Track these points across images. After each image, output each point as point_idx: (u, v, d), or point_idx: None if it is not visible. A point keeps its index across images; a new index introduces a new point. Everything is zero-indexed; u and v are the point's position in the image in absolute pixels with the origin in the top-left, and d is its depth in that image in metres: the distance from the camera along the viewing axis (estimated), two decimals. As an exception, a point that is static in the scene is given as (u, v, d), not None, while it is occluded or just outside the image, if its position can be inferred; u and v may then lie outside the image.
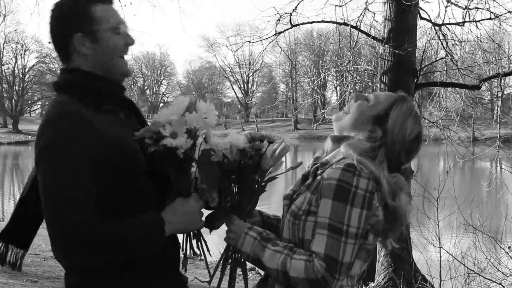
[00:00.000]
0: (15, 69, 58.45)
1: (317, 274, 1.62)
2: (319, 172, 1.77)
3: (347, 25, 8.07)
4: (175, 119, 1.67)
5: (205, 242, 1.87)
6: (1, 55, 57.86)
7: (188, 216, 1.72)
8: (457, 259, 6.14)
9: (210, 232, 1.88)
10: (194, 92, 68.74)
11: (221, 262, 1.86)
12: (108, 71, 1.77)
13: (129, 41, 1.80)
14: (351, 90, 8.94)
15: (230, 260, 1.86)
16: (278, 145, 1.92)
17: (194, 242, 1.86)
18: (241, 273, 1.91)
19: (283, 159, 1.92)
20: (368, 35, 8.23)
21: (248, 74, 66.05)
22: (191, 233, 1.86)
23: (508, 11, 8.09)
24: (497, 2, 8.09)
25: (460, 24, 8.31)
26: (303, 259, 1.66)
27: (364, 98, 1.87)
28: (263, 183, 1.86)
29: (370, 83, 12.89)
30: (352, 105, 1.87)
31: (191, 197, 1.74)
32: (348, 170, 1.65)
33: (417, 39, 7.87)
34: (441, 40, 8.48)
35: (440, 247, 6.10)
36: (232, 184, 1.83)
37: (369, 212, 1.66)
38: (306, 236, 1.72)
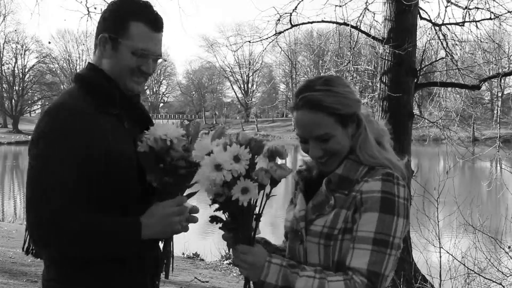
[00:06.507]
0: (15, 69, 58.41)
1: None
2: (340, 189, 1.68)
3: (347, 25, 8.07)
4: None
5: (171, 248, 1.82)
6: (1, 55, 57.82)
7: (164, 219, 1.70)
8: (457, 259, 6.14)
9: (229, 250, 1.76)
10: (194, 92, 68.57)
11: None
12: (117, 81, 1.82)
13: (144, 68, 1.82)
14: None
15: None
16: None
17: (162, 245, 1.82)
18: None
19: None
20: (368, 35, 8.22)
21: (248, 74, 66.00)
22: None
23: (508, 11, 8.10)
24: (497, 2, 8.11)
25: (460, 24, 8.31)
26: (341, 280, 1.57)
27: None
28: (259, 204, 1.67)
29: (370, 83, 12.90)
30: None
31: (168, 200, 1.71)
32: (388, 179, 1.62)
33: (417, 39, 7.86)
34: (441, 40, 8.48)
35: (440, 247, 6.10)
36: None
37: (408, 220, 1.64)
38: (342, 257, 1.63)
